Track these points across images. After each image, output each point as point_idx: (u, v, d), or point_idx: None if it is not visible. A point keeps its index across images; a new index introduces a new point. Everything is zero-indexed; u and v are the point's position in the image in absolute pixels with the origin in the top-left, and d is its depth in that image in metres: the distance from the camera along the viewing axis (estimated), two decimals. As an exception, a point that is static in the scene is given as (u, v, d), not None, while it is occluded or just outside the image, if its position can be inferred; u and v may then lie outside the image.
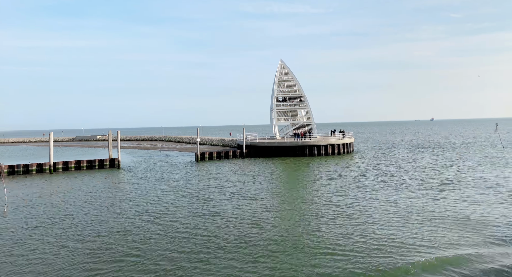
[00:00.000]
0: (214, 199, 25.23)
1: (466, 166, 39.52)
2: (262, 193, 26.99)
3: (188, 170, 41.87)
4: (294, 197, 25.30)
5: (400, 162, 44.78)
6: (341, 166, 41.49)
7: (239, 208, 22.25)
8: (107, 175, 39.32)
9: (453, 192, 25.47)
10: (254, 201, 24.11)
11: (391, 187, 28.25)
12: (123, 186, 31.71)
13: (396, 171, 36.90)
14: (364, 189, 27.60)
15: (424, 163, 42.57)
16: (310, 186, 29.51)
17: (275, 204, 23.25)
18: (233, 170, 40.91)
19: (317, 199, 24.26)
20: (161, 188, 30.11)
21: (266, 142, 57.17)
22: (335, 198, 24.60)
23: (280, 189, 28.34)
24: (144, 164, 49.67)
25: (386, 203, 22.78)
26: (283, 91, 65.08)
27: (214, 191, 28.10)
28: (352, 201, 23.47)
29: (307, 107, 63.56)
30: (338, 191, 26.84)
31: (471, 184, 28.49)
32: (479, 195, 24.43)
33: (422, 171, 36.36)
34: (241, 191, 27.98)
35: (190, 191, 28.30)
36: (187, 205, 23.52)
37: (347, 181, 31.20)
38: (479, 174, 33.38)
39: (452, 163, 42.43)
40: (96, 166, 45.63)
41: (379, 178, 32.64)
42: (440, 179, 30.96)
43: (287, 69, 64.83)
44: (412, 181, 30.37)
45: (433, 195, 24.64)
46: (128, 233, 17.80)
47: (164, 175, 37.63)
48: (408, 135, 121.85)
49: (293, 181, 32.16)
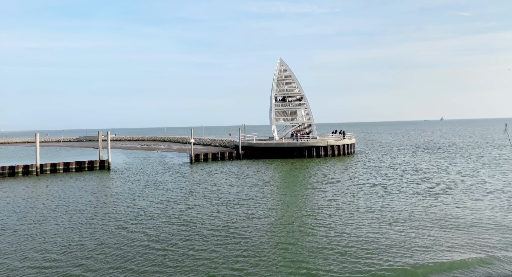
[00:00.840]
0: (193, 205, 23.63)
1: (467, 168, 37.44)
2: (246, 198, 25.32)
3: (179, 172, 40.34)
4: (276, 203, 23.59)
5: (399, 164, 42.76)
6: (338, 169, 39.62)
7: (215, 216, 20.61)
8: (94, 177, 37.98)
9: (447, 198, 23.53)
10: (235, 208, 22.45)
11: (382, 191, 26.38)
12: (105, 190, 30.26)
13: (393, 174, 34.95)
14: (354, 194, 25.77)
15: (424, 165, 40.50)
16: (299, 190, 27.75)
17: (254, 210, 21.57)
18: (226, 172, 39.30)
19: (302, 205, 22.52)
20: (143, 192, 28.60)
21: (263, 143, 55.45)
22: (321, 203, 22.83)
23: (264, 194, 26.63)
24: (136, 165, 48.30)
25: (370, 210, 20.96)
26: (282, 90, 63.28)
27: (196, 196, 26.50)
28: (337, 208, 21.69)
29: (307, 107, 61.69)
30: (327, 196, 25.05)
31: (467, 189, 26.51)
32: (474, 201, 22.51)
33: (420, 174, 34.36)
34: (224, 196, 26.34)
35: (172, 196, 26.74)
36: (160, 212, 21.94)
37: (339, 185, 29.38)
38: (480, 177, 31.34)
39: (454, 165, 40.30)
40: (86, 168, 44.35)
41: (373, 181, 30.75)
42: (437, 183, 28.97)
43: (286, 67, 63.06)
44: (406, 185, 28.44)
45: (424, 201, 22.74)
46: (79, 244, 16.25)
47: (152, 178, 36.16)
48: (413, 135, 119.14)
49: (282, 185, 30.42)
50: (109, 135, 46.01)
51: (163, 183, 32.72)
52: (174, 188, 29.99)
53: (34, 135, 43.20)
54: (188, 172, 40.65)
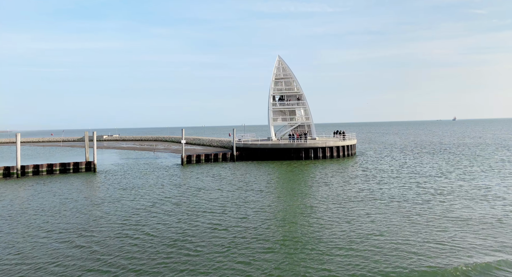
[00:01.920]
0: (162, 214, 21.61)
1: (468, 172, 34.91)
2: (221, 205, 23.23)
3: (166, 175, 38.34)
4: (252, 211, 21.44)
5: (398, 166, 40.21)
6: (332, 172, 37.27)
7: (173, 227, 18.55)
8: (77, 180, 36.23)
9: (436, 206, 21.09)
10: (202, 216, 20.37)
11: (368, 198, 24.06)
12: (84, 195, 28.36)
13: (387, 178, 32.46)
14: (340, 200, 23.46)
15: (423, 168, 37.88)
16: (284, 196, 25.55)
17: (226, 219, 19.46)
18: (215, 175, 37.25)
19: (283, 213, 20.34)
20: (120, 198, 26.70)
21: (258, 144, 53.29)
22: (303, 211, 20.62)
23: (243, 200, 24.49)
24: (125, 167, 46.59)
25: (349, 220, 18.68)
26: (280, 89, 61.00)
27: (172, 202, 24.56)
28: (319, 218, 19.44)
29: (306, 106, 59.32)
30: (312, 203, 22.82)
31: (461, 196, 24.06)
32: (464, 210, 20.10)
33: (416, 177, 31.82)
34: (202, 203, 24.28)
35: (144, 203, 24.78)
36: (121, 222, 19.97)
37: (328, 190, 27.08)
38: (478, 182, 28.86)
39: (455, 167, 37.63)
40: (71, 169, 42.78)
41: (364, 186, 28.38)
42: (430, 189, 26.49)
43: (285, 65, 60.75)
44: (396, 191, 26.03)
45: (409, 210, 20.34)
46: (29, 255, 14.36)
47: (137, 182, 34.18)
48: (421, 136, 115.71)
49: (267, 190, 28.22)
50: (95, 136, 44.38)
51: (146, 187, 30.77)
52: (154, 193, 28.00)
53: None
54: (176, 174, 38.63)
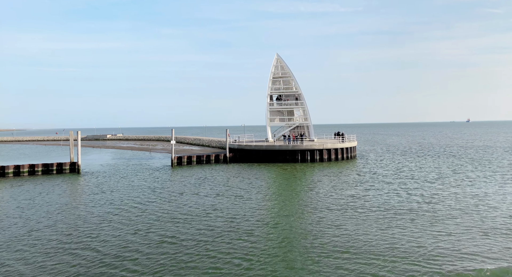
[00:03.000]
0: (128, 222, 19.58)
1: (468, 177, 32.23)
2: (196, 213, 21.09)
3: (153, 178, 36.16)
4: (218, 220, 19.24)
5: (396, 171, 37.59)
6: (325, 176, 34.86)
7: (126, 242, 16.47)
8: (58, 182, 34.40)
9: (420, 218, 18.59)
10: (165, 227, 18.26)
11: (354, 207, 21.61)
12: (53, 198, 26.58)
13: (382, 185, 29.93)
14: (321, 209, 21.11)
15: (421, 173, 35.21)
16: (266, 204, 23.30)
17: (189, 229, 17.32)
18: (203, 178, 35.19)
19: (256, 223, 18.13)
20: (95, 203, 24.79)
21: (253, 145, 51.06)
22: (287, 222, 18.37)
23: (216, 207, 22.31)
24: (113, 168, 44.84)
25: (315, 234, 16.32)
26: (278, 89, 58.73)
27: (144, 209, 22.51)
28: (289, 229, 17.17)
29: (304, 107, 56.87)
30: (296, 212, 20.54)
31: (451, 206, 21.41)
32: (447, 224, 17.52)
33: (409, 184, 29.23)
34: (176, 211, 22.18)
35: (116, 210, 22.79)
36: (91, 232, 17.99)
37: (313, 199, 24.74)
38: (474, 190, 26.18)
39: (455, 173, 34.81)
40: (54, 170, 41.15)
41: (353, 192, 25.95)
42: (419, 196, 23.91)
43: (283, 64, 58.40)
44: (383, 199, 23.53)
45: (391, 221, 17.90)
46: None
47: (119, 185, 32.05)
48: (429, 138, 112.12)
49: (248, 196, 25.98)
50: (79, 136, 42.68)
51: (125, 191, 28.70)
52: (131, 199, 25.92)
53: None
54: (162, 177, 36.51)
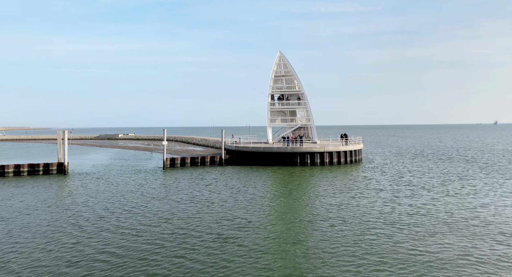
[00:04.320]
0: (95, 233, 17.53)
1: (470, 185, 28.74)
2: (170, 221, 18.87)
3: (140, 180, 34.17)
4: (191, 234, 16.92)
5: (397, 178, 34.43)
6: (318, 182, 32.11)
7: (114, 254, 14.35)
8: (42, 184, 32.81)
9: (403, 231, 15.72)
10: (133, 239, 16.08)
11: (338, 221, 18.86)
12: (29, 200, 24.94)
13: (376, 194, 26.94)
14: (301, 220, 18.49)
15: (423, 178, 31.92)
16: (246, 214, 20.87)
17: (158, 239, 15.08)
18: (192, 183, 33.04)
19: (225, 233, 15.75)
20: (72, 207, 22.99)
21: (250, 147, 48.63)
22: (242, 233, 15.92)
23: (190, 215, 20.01)
24: (104, 169, 43.33)
25: (291, 257, 13.74)
26: (280, 88, 56.04)
27: (118, 217, 20.45)
28: (266, 243, 14.69)
29: (307, 107, 54.00)
30: (265, 225, 18.04)
31: (440, 219, 18.36)
32: (433, 240, 14.59)
33: (407, 193, 26.13)
34: (149, 220, 20.04)
35: (92, 216, 20.86)
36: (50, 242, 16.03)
37: (298, 210, 22.14)
38: (472, 201, 22.79)
39: (461, 178, 31.35)
40: (40, 171, 39.84)
41: (341, 199, 23.15)
42: (414, 208, 20.91)
43: (286, 62, 55.67)
44: (374, 210, 20.67)
45: (371, 238, 15.16)
46: None
47: (101, 188, 30.27)
48: (448, 140, 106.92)
49: (227, 205, 23.58)
50: (66, 135, 41.24)
51: (107, 196, 26.78)
52: (111, 204, 23.98)
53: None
54: (150, 180, 34.22)
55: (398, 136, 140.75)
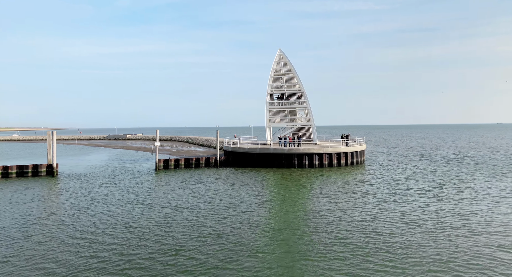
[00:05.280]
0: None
1: (471, 190, 26.53)
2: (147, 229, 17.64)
3: (129, 183, 32.93)
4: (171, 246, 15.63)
5: (392, 182, 32.46)
6: (308, 186, 30.46)
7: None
8: (28, 186, 32.02)
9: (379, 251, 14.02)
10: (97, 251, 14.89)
11: (311, 229, 17.24)
12: (21, 206, 24.14)
13: (363, 199, 25.14)
14: (277, 231, 16.98)
15: (425, 185, 29.86)
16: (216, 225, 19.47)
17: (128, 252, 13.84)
18: (180, 182, 31.92)
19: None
20: (51, 213, 22.06)
21: (247, 148, 47.14)
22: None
23: (169, 222, 18.72)
24: (96, 170, 42.54)
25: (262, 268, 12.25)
26: (280, 87, 54.40)
27: (91, 222, 19.35)
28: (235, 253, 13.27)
29: (307, 106, 52.23)
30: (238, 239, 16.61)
31: (429, 230, 16.52)
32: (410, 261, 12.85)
33: (398, 198, 24.24)
34: (119, 232, 18.87)
35: (56, 222, 19.83)
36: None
37: (277, 217, 20.62)
38: (474, 207, 20.75)
39: (457, 184, 29.17)
40: (29, 173, 39.20)
41: (322, 205, 21.50)
42: (406, 215, 19.09)
43: (286, 60, 53.97)
44: (352, 219, 18.97)
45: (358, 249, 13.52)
46: None
47: (87, 192, 29.16)
48: (461, 141, 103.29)
49: (201, 212, 22.22)
50: (55, 136, 40.48)
51: (89, 200, 25.77)
52: (92, 209, 23.00)
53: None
54: (140, 184, 32.60)
55: (410, 137, 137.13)
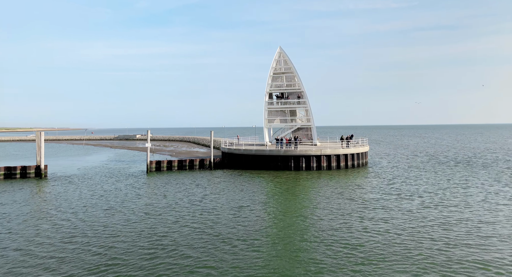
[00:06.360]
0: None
1: (466, 196, 24.23)
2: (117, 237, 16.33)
3: (119, 186, 31.89)
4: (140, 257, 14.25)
5: (385, 186, 30.32)
6: (297, 191, 28.67)
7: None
8: (14, 188, 31.20)
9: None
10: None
11: (276, 239, 15.55)
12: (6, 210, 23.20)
13: (344, 206, 23.19)
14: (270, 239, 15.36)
15: (417, 187, 27.64)
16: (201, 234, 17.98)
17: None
18: (167, 186, 30.66)
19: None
20: (38, 215, 21.07)
21: (242, 149, 45.54)
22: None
23: (146, 231, 17.34)
24: (89, 172, 41.74)
25: None
26: (280, 86, 52.59)
27: (67, 227, 18.16)
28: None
29: (307, 106, 50.27)
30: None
31: (403, 243, 14.56)
32: None
33: (385, 204, 22.20)
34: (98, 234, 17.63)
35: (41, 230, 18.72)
36: None
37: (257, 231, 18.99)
38: (463, 216, 18.62)
39: (455, 189, 26.84)
40: (18, 174, 38.51)
41: (300, 210, 19.72)
42: (395, 231, 17.18)
43: (286, 58, 52.14)
44: (321, 228, 17.15)
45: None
46: None
47: (67, 194, 28.23)
48: (476, 142, 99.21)
49: (175, 220, 20.76)
50: (42, 136, 39.66)
51: (66, 205, 24.67)
52: (72, 214, 21.88)
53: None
54: (128, 186, 31.33)
55: (424, 137, 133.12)
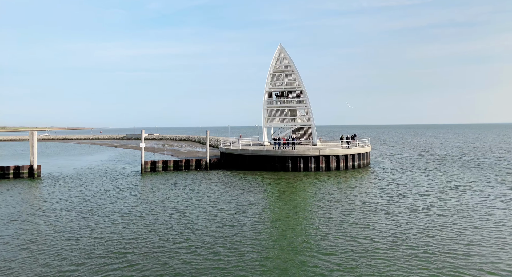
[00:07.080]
0: None
1: (462, 200, 22.60)
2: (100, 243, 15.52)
3: (110, 187, 31.19)
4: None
5: (378, 189, 28.84)
6: (287, 193, 27.46)
7: None
8: (4, 190, 30.81)
9: None
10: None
11: (260, 247, 14.42)
12: None
13: (332, 210, 21.88)
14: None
15: (412, 189, 26.10)
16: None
17: None
18: (158, 188, 29.80)
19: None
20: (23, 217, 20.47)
21: (239, 149, 44.47)
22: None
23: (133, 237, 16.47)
24: (85, 171, 41.33)
25: None
26: (280, 84, 51.30)
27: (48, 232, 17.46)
28: None
29: (307, 105, 48.87)
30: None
31: (384, 248, 13.24)
32: None
33: (374, 208, 20.82)
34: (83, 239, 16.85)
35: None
36: None
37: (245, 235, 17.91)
38: (454, 221, 17.15)
39: (453, 192, 25.21)
40: (11, 174, 38.16)
41: (284, 214, 18.56)
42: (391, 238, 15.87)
43: (286, 56, 50.80)
44: (305, 232, 15.93)
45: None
46: None
47: (56, 195, 27.59)
48: (490, 141, 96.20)
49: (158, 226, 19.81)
50: (35, 136, 39.21)
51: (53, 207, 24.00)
52: (47, 218, 21.29)
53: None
54: (120, 188, 30.50)
55: (435, 136, 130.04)
